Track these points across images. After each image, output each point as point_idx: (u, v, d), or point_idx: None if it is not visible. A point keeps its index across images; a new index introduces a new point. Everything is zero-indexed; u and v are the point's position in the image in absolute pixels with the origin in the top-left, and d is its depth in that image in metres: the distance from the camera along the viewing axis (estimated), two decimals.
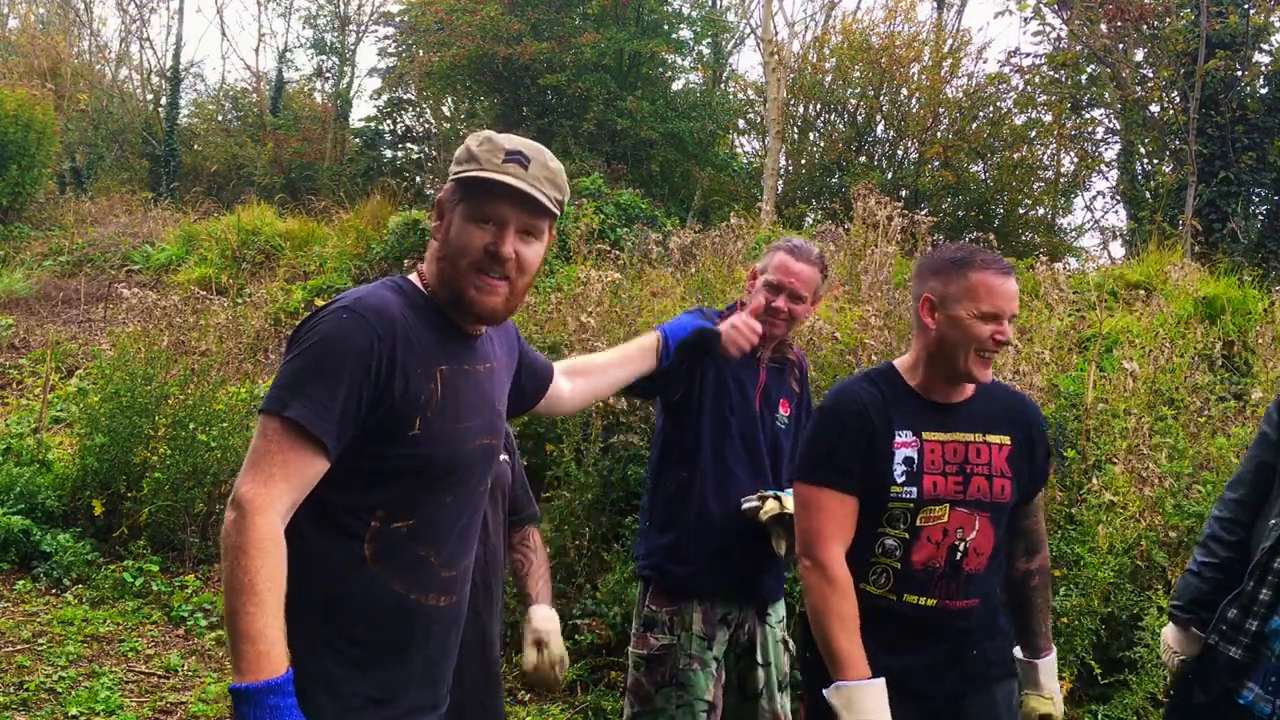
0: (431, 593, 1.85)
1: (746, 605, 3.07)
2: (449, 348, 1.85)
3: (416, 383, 1.77)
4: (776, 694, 3.12)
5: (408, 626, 1.83)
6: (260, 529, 1.63)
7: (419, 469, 1.80)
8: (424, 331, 1.81)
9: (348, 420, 1.72)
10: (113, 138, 20.31)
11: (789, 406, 3.17)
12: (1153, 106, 13.13)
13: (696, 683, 2.93)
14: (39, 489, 6.27)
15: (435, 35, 16.56)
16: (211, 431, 6.19)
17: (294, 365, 1.73)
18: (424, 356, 1.79)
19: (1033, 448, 2.41)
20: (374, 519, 1.78)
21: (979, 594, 2.35)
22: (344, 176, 17.92)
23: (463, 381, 1.85)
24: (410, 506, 1.81)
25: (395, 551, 1.80)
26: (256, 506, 1.64)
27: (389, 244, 10.70)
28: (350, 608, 1.79)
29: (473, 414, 1.86)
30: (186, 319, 7.46)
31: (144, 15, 24.94)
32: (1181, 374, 5.06)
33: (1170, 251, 8.92)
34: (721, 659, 3.02)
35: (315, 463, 1.70)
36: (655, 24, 16.78)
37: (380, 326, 1.74)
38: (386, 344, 1.74)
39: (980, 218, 15.06)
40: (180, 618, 5.42)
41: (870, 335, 5.31)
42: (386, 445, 1.76)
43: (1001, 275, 2.29)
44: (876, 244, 6.81)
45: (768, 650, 3.09)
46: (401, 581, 1.81)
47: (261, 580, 1.60)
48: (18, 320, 11.00)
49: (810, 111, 16.83)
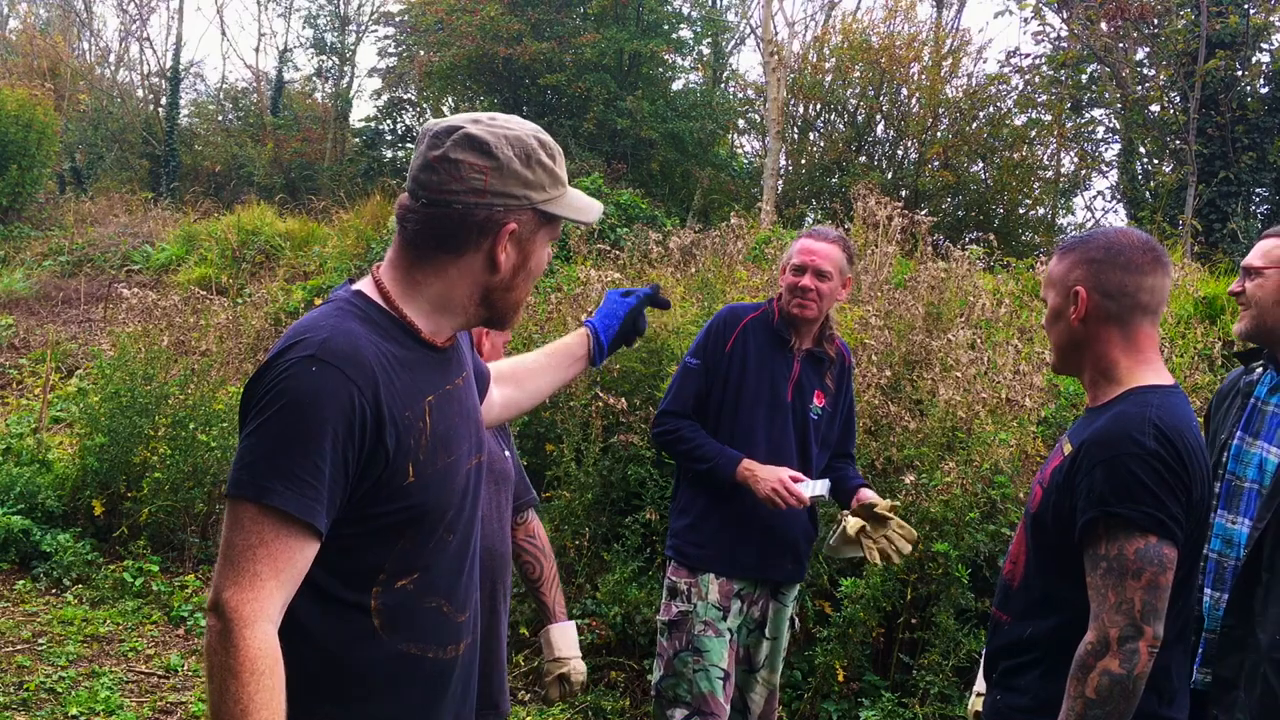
0: (449, 644, 1.68)
1: (763, 585, 3.22)
2: (426, 371, 1.62)
3: (406, 428, 1.55)
4: (778, 668, 3.31)
5: (430, 689, 1.66)
6: (252, 647, 1.41)
7: (417, 519, 1.59)
8: (399, 361, 1.58)
9: (336, 494, 1.49)
10: (113, 138, 20.31)
11: (824, 397, 3.24)
12: (1153, 106, 13.13)
13: (712, 648, 3.09)
14: (39, 489, 6.27)
15: (435, 35, 16.56)
16: (211, 431, 6.19)
17: (262, 436, 1.47)
18: (408, 393, 1.57)
19: (1076, 470, 2.02)
20: (375, 585, 1.58)
21: (1010, 613, 2.14)
22: (344, 176, 17.92)
23: (447, 406, 1.64)
24: (413, 560, 1.61)
25: (406, 612, 1.61)
26: (244, 618, 1.41)
27: (389, 244, 10.69)
28: (366, 686, 1.59)
29: (460, 440, 1.67)
30: (186, 319, 7.46)
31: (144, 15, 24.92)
32: (1181, 374, 5.06)
33: (1170, 251, 8.91)
34: (735, 631, 3.18)
35: (305, 549, 1.47)
36: (655, 24, 16.78)
37: (358, 375, 1.49)
38: (369, 394, 1.50)
39: (980, 218, 15.06)
40: (180, 618, 5.42)
41: (870, 335, 5.31)
42: (377, 504, 1.55)
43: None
44: (876, 244, 6.81)
45: (777, 625, 3.26)
46: (417, 643, 1.62)
47: (256, 709, 1.39)
48: (18, 320, 11.00)
49: (810, 111, 16.83)
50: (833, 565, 4.47)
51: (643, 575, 4.70)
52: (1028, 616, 2.09)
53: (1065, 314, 2.14)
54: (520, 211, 1.61)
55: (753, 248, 8.13)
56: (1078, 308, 2.12)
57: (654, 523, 4.75)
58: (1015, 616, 2.12)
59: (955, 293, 6.07)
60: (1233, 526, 2.48)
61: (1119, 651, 1.91)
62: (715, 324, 3.26)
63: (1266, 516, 2.36)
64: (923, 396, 4.95)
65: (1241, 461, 2.52)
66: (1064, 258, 2.17)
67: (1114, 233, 2.15)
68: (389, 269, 1.67)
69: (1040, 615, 2.07)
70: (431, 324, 1.64)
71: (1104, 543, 1.96)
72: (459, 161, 1.58)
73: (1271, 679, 2.27)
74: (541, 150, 1.63)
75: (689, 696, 3.07)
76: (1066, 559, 2.03)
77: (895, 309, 5.75)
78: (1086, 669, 1.92)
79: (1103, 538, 1.96)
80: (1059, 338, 2.17)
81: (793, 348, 3.20)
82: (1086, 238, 2.17)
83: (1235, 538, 2.47)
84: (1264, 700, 2.27)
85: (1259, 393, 2.55)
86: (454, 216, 1.59)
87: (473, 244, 1.60)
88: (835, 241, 3.19)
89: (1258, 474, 2.48)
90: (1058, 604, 2.05)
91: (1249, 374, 2.63)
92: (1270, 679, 2.27)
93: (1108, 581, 1.94)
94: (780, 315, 3.23)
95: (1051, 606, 2.06)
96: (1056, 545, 2.05)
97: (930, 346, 5.34)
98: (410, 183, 1.63)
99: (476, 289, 1.64)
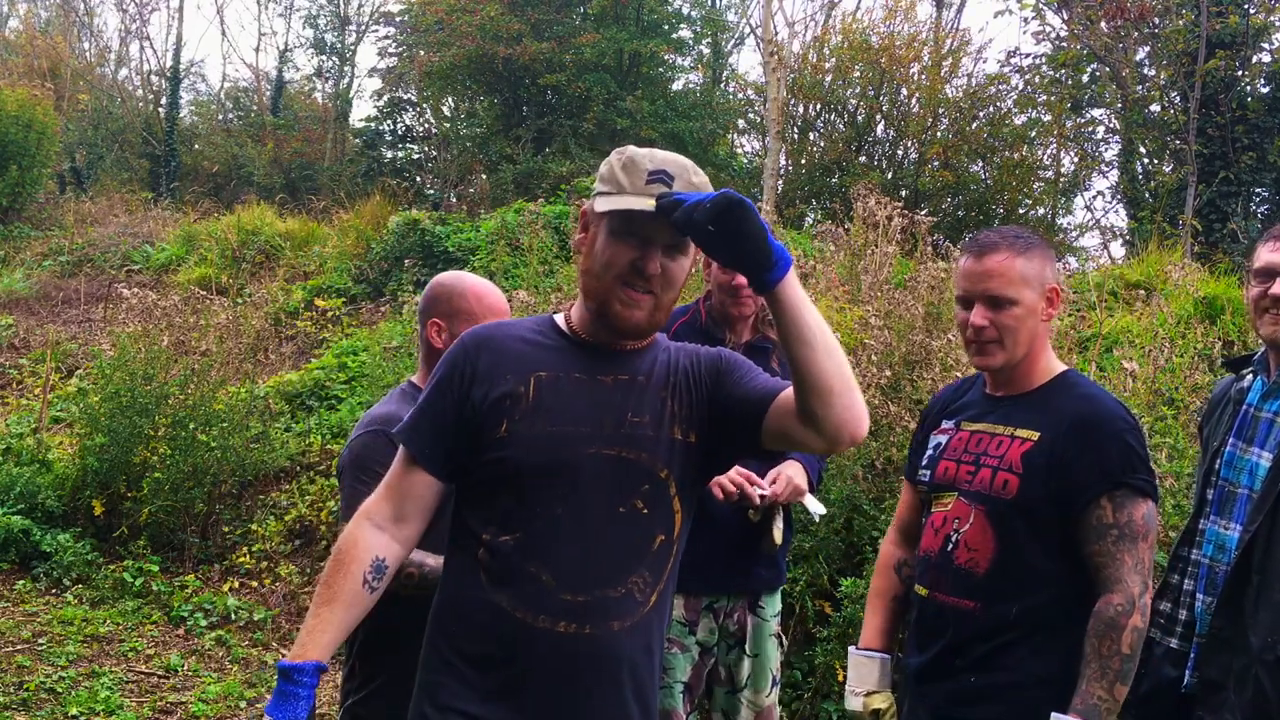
0: (544, 614, 1.77)
1: (735, 596, 3.09)
2: (556, 355, 1.86)
3: (503, 388, 1.81)
4: (765, 688, 3.13)
5: (511, 645, 1.78)
6: (344, 536, 1.85)
7: (511, 475, 1.79)
8: (528, 343, 1.88)
9: (445, 434, 1.84)
10: (113, 138, 20.30)
11: None
12: (1153, 106, 13.12)
13: (676, 665, 3.02)
14: (39, 489, 6.27)
15: (435, 35, 16.54)
16: (211, 431, 6.19)
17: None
18: (519, 362, 1.84)
19: (1066, 451, 2.14)
20: (485, 533, 1.81)
21: (979, 600, 2.18)
22: (344, 176, 17.91)
23: (568, 387, 1.83)
24: (517, 519, 1.80)
25: (505, 566, 1.79)
26: (359, 513, 1.86)
27: (389, 244, 10.69)
28: (460, 620, 1.82)
29: (580, 420, 1.80)
30: (186, 319, 7.47)
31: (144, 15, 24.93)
32: (1181, 374, 5.06)
33: (1170, 251, 8.91)
34: (710, 646, 3.08)
35: (416, 475, 1.85)
36: (655, 24, 16.78)
37: (473, 345, 1.88)
38: (474, 358, 1.85)
39: (980, 218, 15.05)
40: (180, 618, 5.42)
41: (870, 335, 5.30)
42: (480, 451, 1.81)
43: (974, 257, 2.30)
44: (876, 244, 6.81)
45: (758, 642, 3.11)
46: (507, 597, 1.78)
47: (324, 578, 1.82)
48: (18, 320, 11.00)
49: (810, 111, 16.81)
50: (832, 565, 4.47)
51: None
52: (1007, 598, 2.15)
53: (1038, 311, 2.24)
54: (590, 203, 1.87)
55: None
56: (1053, 305, 2.25)
57: None
58: (987, 601, 2.17)
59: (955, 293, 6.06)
60: (1225, 532, 2.49)
61: (1141, 607, 2.07)
62: None
63: (1258, 520, 2.37)
64: (922, 396, 4.95)
65: (1235, 468, 2.52)
66: (1030, 256, 2.23)
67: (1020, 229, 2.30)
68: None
69: (1024, 594, 2.15)
70: (583, 322, 1.89)
71: (1110, 511, 2.10)
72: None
73: (1264, 681, 2.28)
74: (627, 164, 1.83)
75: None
76: (1052, 535, 2.14)
77: (895, 309, 5.75)
78: (1119, 628, 2.05)
79: (1108, 507, 2.10)
80: (1028, 333, 2.23)
81: (729, 344, 3.09)
82: (1032, 234, 2.29)
83: (1227, 543, 2.48)
84: (1255, 702, 2.29)
85: (1251, 399, 2.55)
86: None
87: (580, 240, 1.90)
88: None
89: (1250, 479, 2.48)
90: (1045, 580, 2.15)
91: (1239, 381, 2.63)
92: (1262, 680, 2.29)
93: (1121, 546, 2.09)
94: (708, 315, 3.16)
95: (1039, 583, 2.15)
96: (1044, 524, 2.14)
97: (930, 346, 5.33)
98: None
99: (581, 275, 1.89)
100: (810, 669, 4.29)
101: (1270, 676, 2.28)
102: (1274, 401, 2.50)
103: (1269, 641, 2.29)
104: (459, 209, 14.56)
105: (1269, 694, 2.27)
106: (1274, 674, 2.28)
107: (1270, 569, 2.33)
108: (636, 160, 1.80)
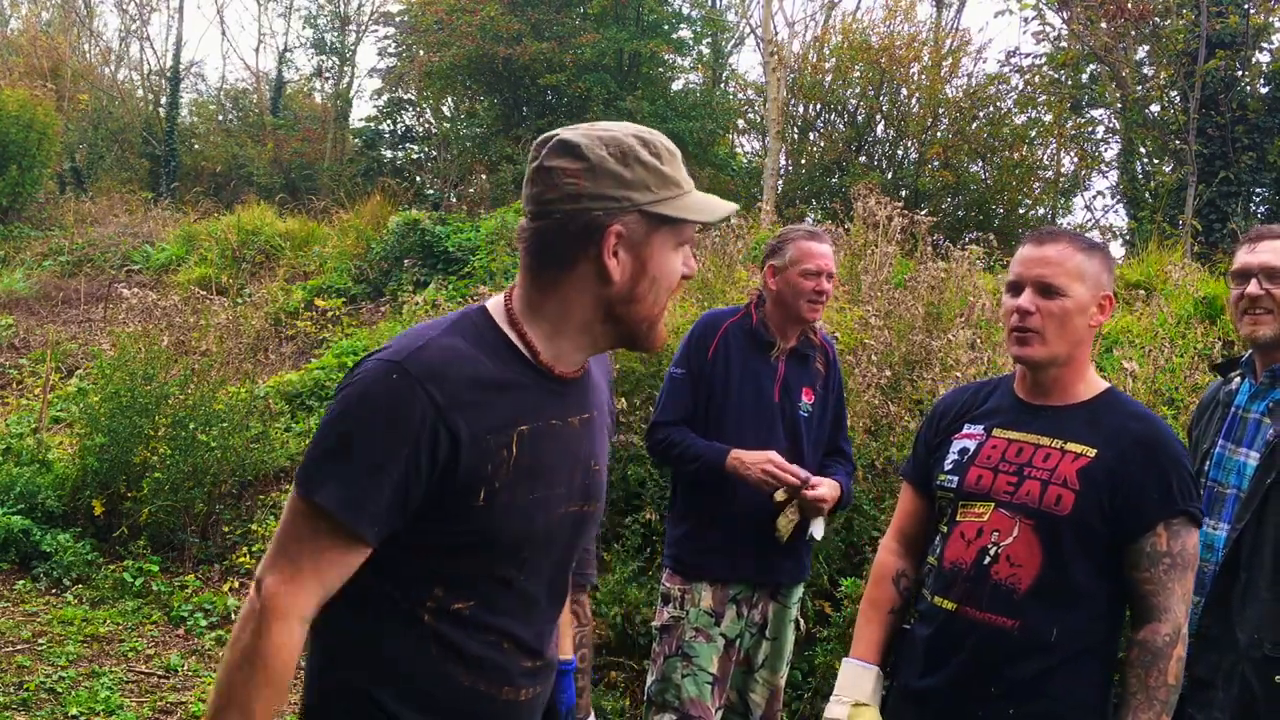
0: (508, 685, 1.57)
1: (760, 588, 3.21)
2: (530, 397, 1.53)
3: (483, 452, 1.47)
4: (780, 669, 3.28)
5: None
6: (277, 641, 1.43)
7: (482, 545, 1.52)
8: (497, 383, 1.50)
9: (395, 508, 1.45)
10: (113, 138, 20.31)
11: (812, 394, 3.25)
12: (1153, 106, 13.12)
13: (701, 653, 3.09)
14: (39, 489, 6.27)
15: (435, 35, 16.55)
16: (211, 431, 6.19)
17: (328, 433, 1.47)
18: (498, 417, 1.49)
19: (1130, 472, 2.05)
20: (429, 596, 1.52)
21: (1018, 618, 2.06)
22: (344, 176, 17.91)
23: (547, 442, 1.54)
24: (474, 585, 1.53)
25: (462, 634, 1.53)
26: (277, 610, 1.43)
27: (389, 244, 10.70)
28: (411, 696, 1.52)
29: (557, 480, 1.56)
30: (186, 319, 7.47)
31: (144, 15, 24.93)
32: (1181, 374, 5.06)
33: (1170, 251, 8.90)
34: (734, 637, 3.17)
35: (350, 555, 1.46)
36: (655, 24, 16.77)
37: (438, 391, 1.44)
38: (444, 412, 1.44)
39: (980, 218, 15.04)
40: (180, 618, 5.42)
41: (870, 335, 5.31)
42: (442, 522, 1.49)
43: None
44: (877, 244, 6.81)
45: (778, 626, 3.24)
46: (467, 672, 1.54)
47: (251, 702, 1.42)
48: (18, 320, 11.00)
49: (810, 111, 16.81)
50: (832, 565, 4.47)
51: (642, 575, 4.70)
52: (1049, 618, 2.06)
53: (1088, 312, 2.14)
54: (624, 214, 1.49)
55: (752, 248, 8.13)
56: (1104, 313, 2.16)
57: (654, 523, 4.75)
58: (1029, 620, 2.06)
59: (955, 293, 6.07)
60: (1213, 532, 2.50)
61: (1183, 638, 2.03)
62: (695, 332, 3.24)
63: (1245, 517, 2.39)
64: (923, 396, 4.95)
65: (1223, 468, 2.55)
66: (1092, 255, 2.15)
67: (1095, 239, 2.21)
68: (516, 291, 1.59)
69: (1066, 614, 2.06)
70: (553, 348, 1.55)
71: (1166, 539, 2.04)
72: (553, 169, 1.49)
73: (1250, 677, 2.30)
74: (643, 149, 1.50)
75: (676, 701, 3.08)
76: (1103, 555, 2.08)
77: (895, 309, 5.75)
78: (1166, 659, 2.01)
79: (1163, 535, 2.04)
80: (1072, 333, 2.13)
81: (777, 348, 3.20)
82: (1099, 240, 2.22)
83: (1215, 543, 2.50)
84: (1243, 698, 2.31)
85: (1239, 401, 2.58)
86: (554, 227, 1.50)
87: (579, 253, 1.50)
88: (827, 239, 3.26)
89: (1238, 479, 2.51)
90: (1087, 600, 2.07)
91: (1227, 384, 2.65)
92: (1249, 677, 2.31)
93: (1172, 575, 2.03)
94: (759, 318, 3.23)
95: (1080, 603, 2.07)
96: (1095, 543, 2.07)
97: (930, 346, 5.34)
98: (522, 202, 1.58)
99: (595, 304, 1.53)
100: (810, 669, 4.29)
101: (1256, 672, 2.30)
102: (1261, 402, 2.54)
103: (1255, 638, 2.32)
104: (459, 209, 14.56)
105: (1255, 690, 2.29)
106: (1260, 670, 2.30)
107: (1257, 566, 2.36)
108: (659, 150, 1.53)
